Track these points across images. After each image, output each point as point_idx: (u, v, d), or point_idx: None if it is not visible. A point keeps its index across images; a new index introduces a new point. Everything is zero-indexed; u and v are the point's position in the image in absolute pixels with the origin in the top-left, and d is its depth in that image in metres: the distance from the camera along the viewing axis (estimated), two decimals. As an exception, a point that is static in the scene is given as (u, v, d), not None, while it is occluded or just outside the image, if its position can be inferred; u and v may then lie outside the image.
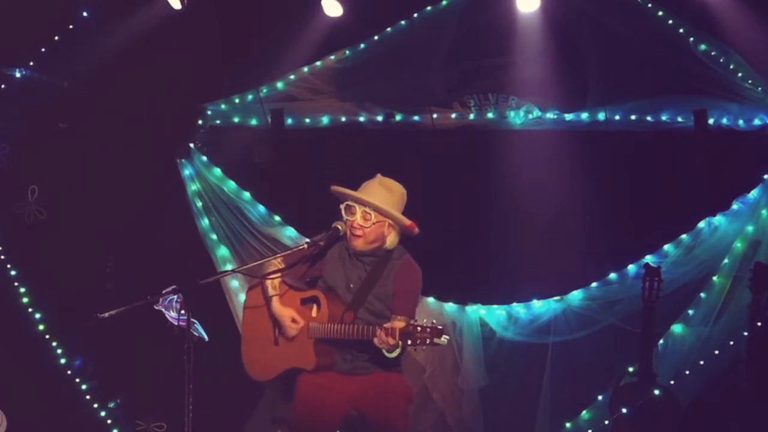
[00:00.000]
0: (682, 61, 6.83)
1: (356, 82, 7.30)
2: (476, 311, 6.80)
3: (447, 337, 4.63)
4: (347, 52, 7.35)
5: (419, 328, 4.58)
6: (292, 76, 7.35)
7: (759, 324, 6.07)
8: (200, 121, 7.35)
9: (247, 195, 7.13)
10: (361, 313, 4.87)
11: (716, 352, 6.47)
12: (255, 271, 5.18)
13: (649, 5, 6.95)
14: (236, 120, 7.46)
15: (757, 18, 6.59)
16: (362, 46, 7.33)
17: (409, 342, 4.60)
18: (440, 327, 4.61)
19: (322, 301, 4.92)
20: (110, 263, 7.17)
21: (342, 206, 4.95)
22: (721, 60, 6.82)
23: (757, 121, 6.85)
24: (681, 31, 6.91)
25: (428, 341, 4.57)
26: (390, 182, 4.98)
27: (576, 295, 6.75)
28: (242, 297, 5.39)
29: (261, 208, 7.10)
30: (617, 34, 6.84)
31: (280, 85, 7.36)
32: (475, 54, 7.30)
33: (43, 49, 7.18)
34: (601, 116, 7.05)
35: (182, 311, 4.60)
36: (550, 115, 7.18)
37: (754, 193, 6.67)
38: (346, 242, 4.96)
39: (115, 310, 4.55)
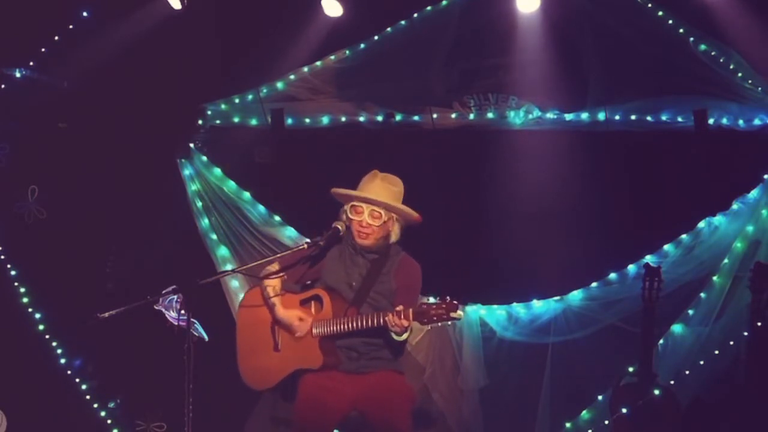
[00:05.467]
0: (682, 61, 6.83)
1: (356, 82, 7.30)
2: (476, 311, 6.79)
3: (462, 312, 4.56)
4: (347, 52, 7.35)
5: (434, 306, 4.56)
6: (292, 76, 7.35)
7: (759, 324, 6.07)
8: (200, 121, 7.35)
9: (247, 195, 7.13)
10: (365, 310, 4.87)
11: (716, 352, 6.46)
12: (255, 271, 5.17)
13: (649, 5, 6.95)
14: (236, 120, 7.46)
15: (757, 18, 6.59)
16: (362, 46, 7.33)
17: (425, 320, 4.56)
18: (455, 301, 4.56)
19: (325, 299, 4.90)
20: (110, 263, 7.17)
21: (347, 207, 4.95)
22: (721, 60, 6.82)
23: (757, 121, 6.84)
24: (681, 31, 6.91)
25: (444, 317, 4.53)
26: (390, 177, 4.99)
27: (576, 295, 6.74)
28: (242, 297, 5.36)
29: (261, 208, 7.10)
30: (617, 34, 6.84)
31: (280, 85, 7.36)
32: (475, 54, 7.31)
33: (43, 49, 7.19)
34: (601, 116, 7.05)
35: (182, 311, 4.60)
36: (550, 115, 7.17)
37: (754, 193, 6.66)
38: (351, 240, 4.96)
39: (115, 310, 4.56)
